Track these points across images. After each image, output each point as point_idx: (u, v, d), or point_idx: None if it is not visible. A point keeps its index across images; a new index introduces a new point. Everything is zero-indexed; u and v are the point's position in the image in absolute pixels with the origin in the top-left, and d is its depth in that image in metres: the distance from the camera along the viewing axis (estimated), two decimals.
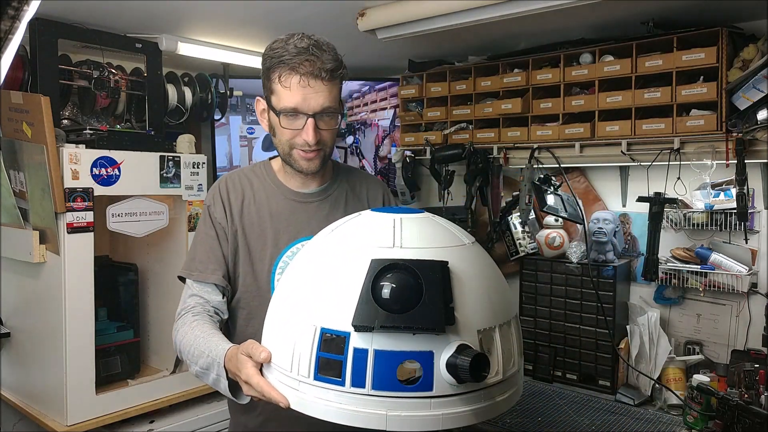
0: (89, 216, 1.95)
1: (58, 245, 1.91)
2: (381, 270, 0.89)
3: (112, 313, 2.28)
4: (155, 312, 2.37)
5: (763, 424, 1.65)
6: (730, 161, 1.98)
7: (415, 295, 0.87)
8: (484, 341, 0.92)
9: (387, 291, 0.88)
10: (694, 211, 2.14)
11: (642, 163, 2.20)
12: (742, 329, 2.16)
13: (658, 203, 2.11)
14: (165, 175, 2.14)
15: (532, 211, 2.46)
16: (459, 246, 0.99)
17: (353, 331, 0.88)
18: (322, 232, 1.08)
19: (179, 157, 2.18)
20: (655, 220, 2.12)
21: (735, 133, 1.94)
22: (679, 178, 2.12)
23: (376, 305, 0.87)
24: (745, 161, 1.94)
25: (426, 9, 2.03)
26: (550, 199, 2.32)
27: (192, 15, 2.20)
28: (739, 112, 1.93)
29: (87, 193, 1.94)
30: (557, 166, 2.36)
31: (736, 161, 1.95)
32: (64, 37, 2.19)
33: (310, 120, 1.26)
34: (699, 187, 2.12)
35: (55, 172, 1.87)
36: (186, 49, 2.49)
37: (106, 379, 2.11)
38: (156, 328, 2.37)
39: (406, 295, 0.87)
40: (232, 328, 1.39)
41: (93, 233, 1.97)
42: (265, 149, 3.01)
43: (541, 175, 2.35)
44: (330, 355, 0.91)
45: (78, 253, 1.93)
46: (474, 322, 0.92)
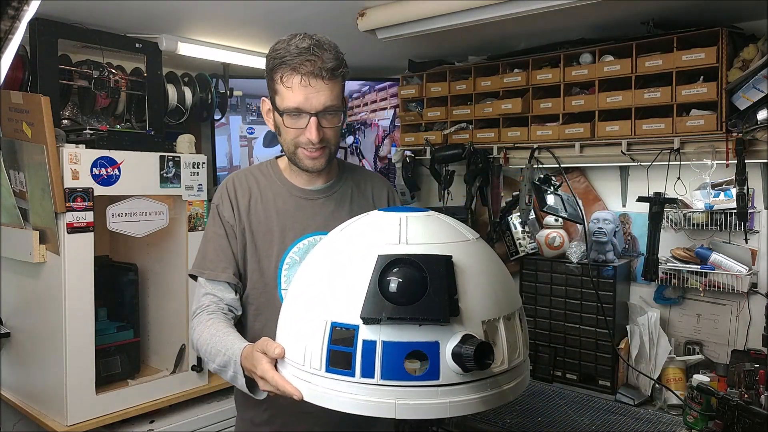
0: (89, 216, 1.95)
1: (58, 245, 1.91)
2: (387, 265, 0.93)
3: (112, 313, 2.28)
4: (155, 312, 2.37)
5: (763, 424, 1.65)
6: (730, 161, 1.98)
7: (421, 288, 0.91)
8: (488, 332, 0.96)
9: (393, 285, 0.92)
10: (694, 211, 2.14)
11: (642, 163, 2.20)
12: (742, 329, 2.16)
13: (658, 203, 2.11)
14: (165, 175, 2.14)
15: (532, 211, 2.46)
16: (463, 241, 1.03)
17: (362, 323, 0.92)
18: (332, 232, 1.13)
19: (179, 157, 2.18)
20: (655, 220, 2.12)
21: (735, 133, 1.94)
22: (679, 178, 2.12)
23: (383, 298, 0.91)
24: (745, 161, 1.94)
25: (426, 9, 2.03)
26: (550, 199, 2.32)
27: (192, 15, 2.20)
28: (739, 112, 1.93)
29: (87, 193, 1.94)
30: (557, 166, 2.36)
31: (736, 161, 1.95)
32: (64, 37, 2.19)
33: (313, 119, 1.28)
34: (699, 187, 2.12)
35: (55, 172, 1.87)
36: (186, 49, 2.49)
37: (106, 379, 2.11)
38: (156, 328, 2.37)
39: (412, 288, 0.91)
40: (242, 323, 1.42)
41: (93, 233, 1.97)
42: (266, 145, 3.01)
43: (541, 175, 2.35)
44: (340, 348, 0.95)
45: (78, 253, 1.93)
46: (478, 313, 0.95)
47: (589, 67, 2.22)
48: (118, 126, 2.46)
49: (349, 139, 3.11)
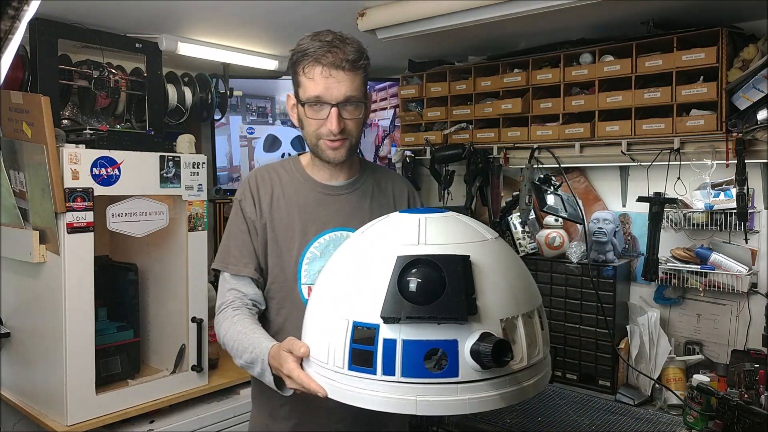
0: (89, 216, 1.95)
1: (58, 245, 1.91)
2: (406, 265, 0.96)
3: (112, 313, 2.27)
4: (155, 312, 2.36)
5: (763, 424, 1.65)
6: (730, 161, 1.98)
7: (439, 288, 0.93)
8: (507, 329, 0.98)
9: (412, 285, 0.95)
10: (694, 211, 2.14)
11: (642, 163, 2.20)
12: (742, 329, 2.16)
13: (658, 203, 2.11)
14: (165, 175, 2.14)
15: (532, 211, 2.46)
16: (481, 241, 1.05)
17: (382, 323, 0.95)
18: (354, 234, 1.16)
19: (179, 157, 2.17)
20: (655, 220, 2.12)
21: (735, 133, 1.94)
22: (679, 178, 2.12)
23: (403, 298, 0.94)
24: (745, 161, 1.94)
25: (426, 9, 2.03)
26: (550, 199, 2.32)
27: (192, 15, 2.21)
28: (739, 112, 1.93)
29: (87, 193, 1.94)
30: (557, 166, 2.36)
31: (736, 161, 1.95)
32: (64, 37, 2.19)
33: (334, 109, 1.31)
34: (699, 187, 2.12)
35: (55, 172, 1.87)
36: (186, 49, 2.49)
37: (106, 379, 2.11)
38: (156, 328, 2.36)
39: (430, 288, 0.93)
40: (265, 316, 1.44)
41: (93, 233, 1.96)
42: (267, 150, 3.01)
43: (541, 175, 2.35)
44: (362, 346, 0.98)
45: (78, 253, 1.93)
46: (497, 311, 0.97)
47: (589, 67, 2.22)
48: (118, 126, 2.46)
49: None
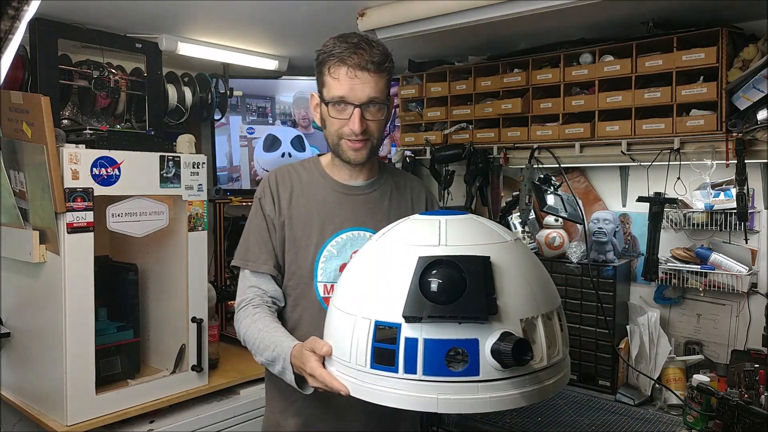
0: (89, 216, 1.95)
1: (58, 245, 1.91)
2: (427, 266, 0.97)
3: (112, 313, 2.27)
4: (155, 312, 2.36)
5: (763, 424, 1.65)
6: (730, 161, 1.98)
7: (460, 288, 0.95)
8: (527, 329, 1.00)
9: (434, 285, 0.96)
10: (694, 211, 2.14)
11: (642, 163, 2.20)
12: (742, 329, 2.16)
13: (658, 203, 2.11)
14: (165, 175, 2.14)
15: (532, 211, 2.46)
16: (501, 243, 1.07)
17: (404, 322, 0.97)
18: (375, 235, 1.18)
19: (179, 157, 2.17)
20: (655, 220, 2.12)
21: (735, 133, 1.94)
22: (679, 178, 2.12)
23: (424, 298, 0.96)
24: (745, 161, 1.94)
25: (426, 9, 2.03)
26: (550, 199, 2.32)
27: (192, 15, 2.21)
28: (739, 112, 1.93)
29: (87, 193, 1.94)
30: (557, 166, 2.36)
31: (736, 161, 1.95)
32: (64, 37, 2.19)
33: (357, 110, 1.33)
34: (699, 187, 2.12)
35: (55, 172, 1.87)
36: (186, 49, 2.49)
37: (106, 379, 2.11)
38: (156, 328, 2.36)
39: (451, 288, 0.95)
40: (281, 313, 1.46)
41: (93, 233, 1.96)
42: (266, 150, 3.01)
43: (541, 175, 2.35)
44: (384, 345, 1.00)
45: (78, 253, 1.93)
46: (517, 311, 0.99)
47: (589, 67, 2.22)
48: (118, 126, 2.46)
49: None
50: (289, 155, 3.01)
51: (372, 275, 1.08)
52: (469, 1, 1.94)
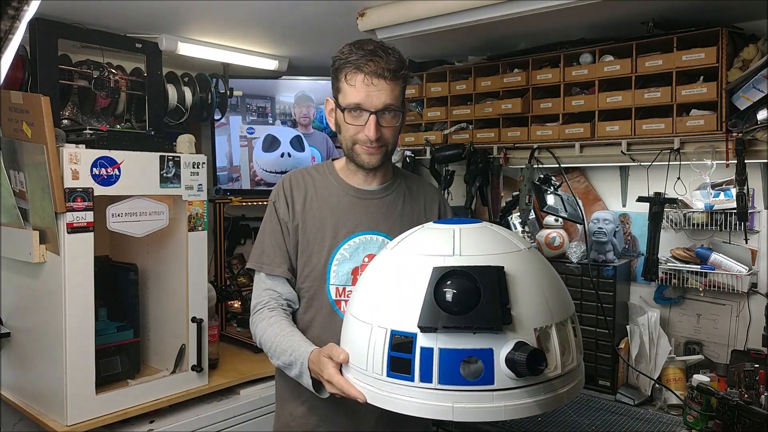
0: (89, 216, 1.95)
1: (58, 245, 1.91)
2: (442, 277, 0.99)
3: (112, 313, 2.27)
4: (155, 312, 2.36)
5: (763, 424, 1.65)
6: (730, 161, 1.98)
7: (474, 298, 0.96)
8: (541, 338, 1.01)
9: (448, 295, 0.98)
10: (694, 211, 2.14)
11: (642, 163, 2.20)
12: (742, 329, 2.16)
13: (658, 203, 2.11)
14: (165, 175, 2.14)
15: (532, 211, 2.46)
16: (515, 252, 1.08)
17: (419, 332, 0.99)
18: (390, 243, 1.19)
19: (179, 157, 2.17)
20: (655, 220, 2.12)
21: (735, 133, 1.94)
22: (679, 178, 2.12)
23: (439, 308, 0.97)
24: (745, 161, 1.94)
25: (426, 9, 2.03)
26: (550, 199, 2.32)
27: (192, 15, 2.21)
28: (739, 112, 1.93)
29: (87, 193, 1.94)
30: (557, 166, 2.36)
31: (736, 161, 1.95)
32: (64, 37, 2.19)
33: (372, 117, 1.34)
34: (699, 187, 2.12)
35: (55, 172, 1.87)
36: (186, 49, 2.49)
37: (106, 379, 2.11)
38: (156, 328, 2.36)
39: (466, 299, 0.97)
40: (293, 314, 1.49)
41: (93, 233, 1.96)
42: (266, 150, 3.01)
43: (541, 175, 2.35)
44: (400, 354, 1.02)
45: (78, 253, 1.93)
46: (531, 321, 1.00)
47: (589, 67, 2.22)
48: (118, 126, 2.46)
49: None
50: (289, 155, 3.01)
51: (388, 285, 1.10)
52: (469, 1, 1.94)
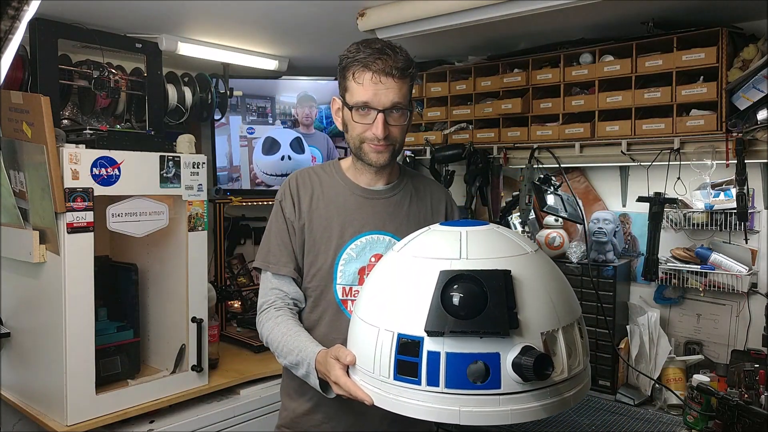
0: (89, 216, 1.95)
1: (58, 245, 1.91)
2: (449, 280, 0.99)
3: (112, 313, 2.27)
4: (155, 312, 2.36)
5: (763, 424, 1.65)
6: (730, 161, 1.98)
7: (481, 302, 0.97)
8: (548, 342, 1.01)
9: (455, 299, 0.98)
10: (694, 211, 2.14)
11: (642, 163, 2.20)
12: (742, 329, 2.16)
13: (658, 203, 2.11)
14: (165, 175, 2.14)
15: (532, 211, 2.46)
16: (522, 255, 1.08)
17: (426, 336, 0.99)
18: (396, 245, 1.19)
19: (179, 157, 2.17)
20: (655, 220, 2.12)
21: (735, 133, 1.94)
22: (679, 178, 2.12)
23: (446, 312, 0.97)
24: (745, 161, 1.94)
25: (426, 9, 2.03)
26: (550, 199, 2.32)
27: (192, 15, 2.21)
28: (739, 112, 1.93)
29: (87, 193, 1.94)
30: (557, 166, 2.36)
31: (736, 161, 1.95)
32: (64, 37, 2.19)
33: (380, 115, 1.34)
34: (699, 187, 2.12)
35: (55, 172, 1.87)
36: (186, 49, 2.49)
37: (106, 379, 2.11)
38: (156, 328, 2.36)
39: (472, 303, 0.97)
40: (300, 314, 1.49)
41: (93, 233, 1.96)
42: (265, 153, 3.01)
43: (541, 175, 2.35)
44: (407, 358, 1.02)
45: (78, 253, 1.93)
46: (537, 325, 1.00)
47: (589, 67, 2.22)
48: (118, 126, 2.46)
49: None
50: (289, 158, 3.00)
51: (394, 288, 1.10)
52: (469, 1, 1.94)
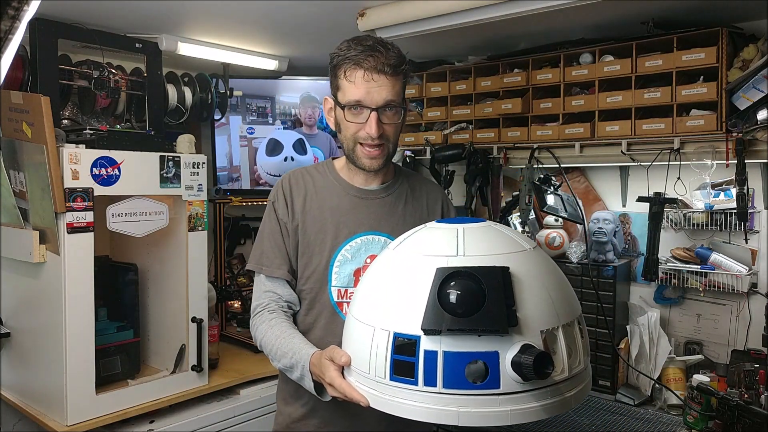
0: (89, 216, 1.95)
1: (58, 245, 1.91)
2: (446, 277, 0.96)
3: (112, 313, 2.27)
4: (155, 312, 2.36)
5: (763, 424, 1.65)
6: (730, 161, 1.98)
7: (479, 300, 0.94)
8: (548, 340, 0.98)
9: (452, 297, 0.95)
10: (694, 211, 2.14)
11: (642, 163, 2.20)
12: (742, 329, 2.16)
13: (658, 203, 2.11)
14: (165, 175, 2.14)
15: (532, 211, 2.46)
16: (520, 252, 1.05)
17: (423, 334, 0.96)
18: (392, 243, 1.16)
19: (179, 157, 2.17)
20: (655, 220, 2.12)
21: (735, 133, 1.94)
22: (679, 178, 2.12)
23: (443, 310, 0.95)
24: (745, 161, 1.94)
25: (426, 9, 2.03)
26: (550, 199, 2.32)
27: (192, 15, 2.21)
28: (739, 112, 1.93)
29: (87, 193, 1.94)
30: (557, 166, 2.36)
31: (736, 161, 1.95)
32: (64, 37, 2.19)
33: (374, 113, 1.31)
34: (699, 187, 2.12)
35: (55, 172, 1.87)
36: (186, 49, 2.49)
37: (106, 379, 2.11)
38: (156, 328, 2.36)
39: (470, 300, 0.94)
40: (294, 317, 1.46)
41: (93, 233, 1.96)
42: (269, 154, 3.01)
43: (541, 175, 2.35)
44: (403, 357, 1.00)
45: (78, 253, 1.93)
46: (537, 322, 0.98)
47: (589, 67, 2.22)
48: (118, 126, 2.46)
49: None
50: (291, 159, 3.01)
51: (390, 286, 1.07)
52: (469, 1, 1.94)
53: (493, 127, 2.51)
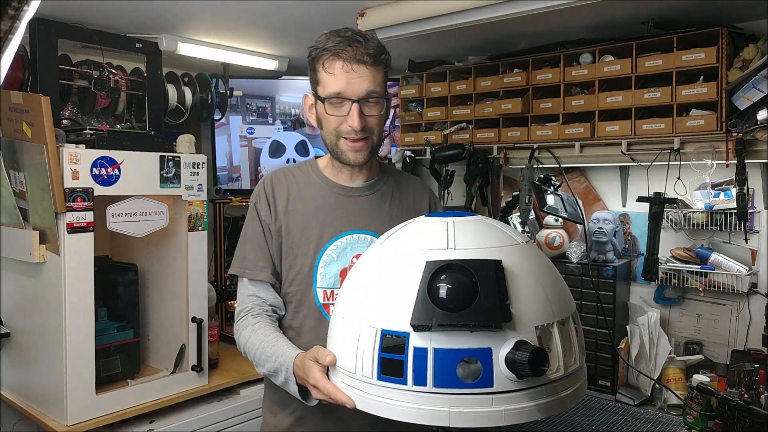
0: (89, 216, 1.95)
1: (58, 245, 1.91)
2: (436, 271, 0.92)
3: (112, 313, 2.27)
4: (155, 312, 2.36)
5: (763, 424, 1.65)
6: (730, 161, 1.98)
7: (471, 294, 0.90)
8: (542, 337, 0.94)
9: (443, 291, 0.91)
10: (694, 211, 2.14)
11: (642, 163, 2.20)
12: (742, 329, 2.16)
13: (658, 203, 2.11)
14: (165, 175, 2.14)
15: (532, 211, 2.46)
16: (513, 245, 1.02)
17: (412, 331, 0.92)
18: (379, 239, 1.12)
19: (179, 157, 2.17)
20: (655, 220, 2.12)
21: (735, 133, 1.94)
22: (679, 178, 2.12)
23: (433, 305, 0.90)
24: (745, 161, 1.94)
25: (426, 9, 2.03)
26: (550, 199, 2.32)
27: (192, 15, 2.21)
28: (739, 112, 1.93)
29: (87, 193, 1.94)
30: (557, 166, 2.36)
31: (736, 161, 1.95)
32: (64, 37, 2.19)
33: (355, 105, 1.28)
34: (699, 187, 2.12)
35: (55, 172, 1.87)
36: (186, 49, 2.49)
37: (106, 379, 2.11)
38: (156, 328, 2.36)
39: (462, 294, 0.90)
40: (280, 321, 1.42)
41: (93, 233, 1.96)
42: (272, 155, 3.01)
43: (541, 175, 2.35)
44: (391, 356, 0.95)
45: (78, 253, 1.93)
46: (531, 318, 0.94)
47: (589, 67, 2.21)
48: (118, 126, 2.46)
49: None
50: (294, 161, 3.01)
51: (377, 281, 1.02)
52: (469, 1, 1.94)
53: (493, 127, 2.51)
